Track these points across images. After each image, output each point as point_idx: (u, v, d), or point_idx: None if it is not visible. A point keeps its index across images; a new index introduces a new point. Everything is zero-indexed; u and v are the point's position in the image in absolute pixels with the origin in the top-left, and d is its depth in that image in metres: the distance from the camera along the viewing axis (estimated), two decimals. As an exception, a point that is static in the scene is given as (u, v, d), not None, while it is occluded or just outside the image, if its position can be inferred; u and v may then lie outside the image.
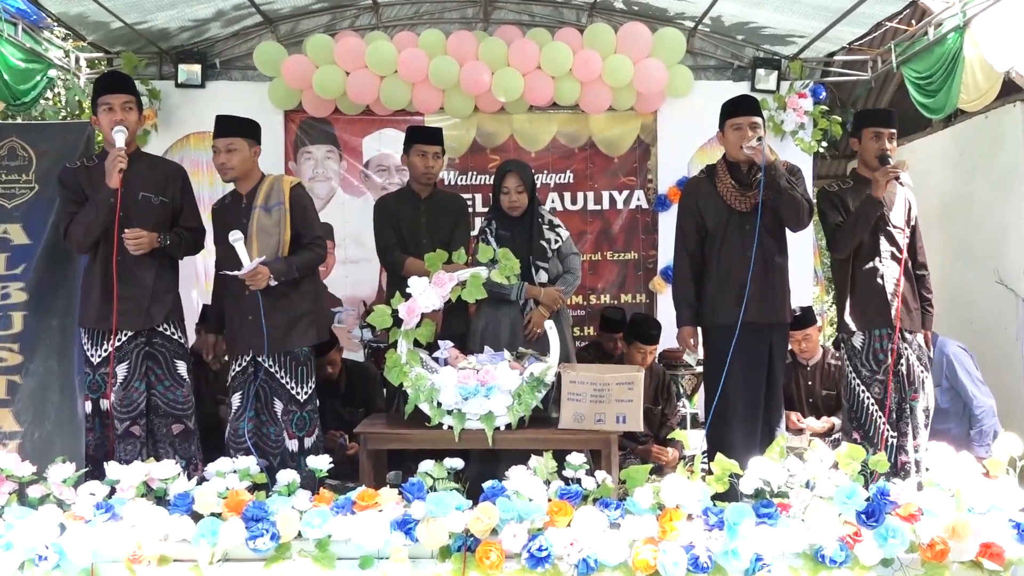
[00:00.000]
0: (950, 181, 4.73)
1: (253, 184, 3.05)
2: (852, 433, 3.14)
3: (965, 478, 2.13)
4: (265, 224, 2.96)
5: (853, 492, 2.09)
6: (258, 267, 2.86)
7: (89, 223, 2.87)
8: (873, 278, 3.10)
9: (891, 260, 3.11)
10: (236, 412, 3.02)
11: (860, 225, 3.06)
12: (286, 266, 2.95)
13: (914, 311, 3.16)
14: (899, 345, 3.08)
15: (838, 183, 3.26)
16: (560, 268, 3.38)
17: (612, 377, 2.80)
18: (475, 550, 2.01)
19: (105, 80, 3.01)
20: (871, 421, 3.08)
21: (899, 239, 3.12)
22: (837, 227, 3.12)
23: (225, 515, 2.07)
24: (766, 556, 2.00)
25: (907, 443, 3.09)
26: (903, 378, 3.12)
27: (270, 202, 2.99)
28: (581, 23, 4.73)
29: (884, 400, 3.05)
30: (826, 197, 3.20)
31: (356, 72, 4.46)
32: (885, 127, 3.12)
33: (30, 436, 2.92)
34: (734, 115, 3.09)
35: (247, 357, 3.02)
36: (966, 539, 2.01)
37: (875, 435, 3.06)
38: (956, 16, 3.79)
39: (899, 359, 3.10)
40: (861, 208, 3.06)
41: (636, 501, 2.10)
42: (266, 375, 3.01)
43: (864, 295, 3.12)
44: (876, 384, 3.08)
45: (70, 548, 1.99)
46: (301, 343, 3.03)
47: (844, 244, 3.11)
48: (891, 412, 3.07)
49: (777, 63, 4.74)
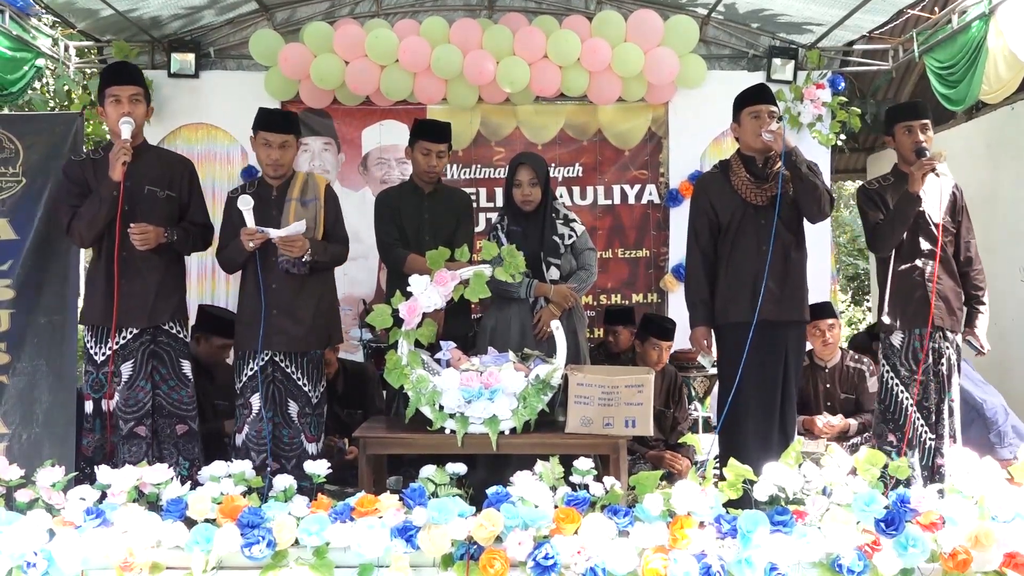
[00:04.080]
0: (973, 175, 4.64)
1: (286, 176, 3.05)
2: (887, 435, 3.06)
3: (988, 485, 2.06)
4: (302, 216, 2.97)
5: (872, 499, 2.02)
6: (298, 235, 2.88)
7: (92, 217, 2.83)
8: (913, 276, 3.03)
9: (930, 257, 3.04)
10: (257, 414, 2.97)
11: (899, 222, 2.99)
12: (322, 248, 3.00)
13: (957, 310, 3.08)
14: (940, 344, 3.02)
15: (878, 180, 3.19)
16: (574, 264, 3.30)
17: (621, 379, 2.72)
18: (479, 558, 1.95)
19: (113, 71, 2.98)
20: (909, 423, 3.00)
21: (939, 236, 3.03)
22: (877, 225, 3.06)
23: (220, 521, 2.02)
24: (781, 565, 1.93)
25: (943, 446, 3.01)
26: (944, 379, 3.04)
27: (306, 196, 3.01)
28: (590, 10, 4.65)
29: (921, 401, 2.99)
30: (866, 194, 3.13)
31: (356, 61, 4.40)
32: (916, 119, 3.05)
33: (18, 438, 2.90)
34: (752, 103, 3.02)
35: (264, 356, 2.96)
36: (989, 548, 1.94)
37: (913, 437, 2.99)
38: (981, 3, 3.70)
39: (939, 359, 3.03)
40: (899, 205, 2.99)
41: (646, 508, 2.04)
42: (283, 376, 2.99)
43: (903, 293, 3.05)
44: (915, 384, 3.01)
45: (59, 554, 1.94)
46: (320, 344, 3.05)
47: (885, 242, 3.05)
48: (930, 413, 3.01)
49: (794, 52, 4.65)
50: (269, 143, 3.00)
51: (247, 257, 2.95)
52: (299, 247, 2.89)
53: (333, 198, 3.12)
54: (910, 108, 3.17)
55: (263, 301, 2.92)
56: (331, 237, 3.08)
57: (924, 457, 2.99)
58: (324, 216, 3.03)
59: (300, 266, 2.94)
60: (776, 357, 2.98)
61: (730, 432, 2.90)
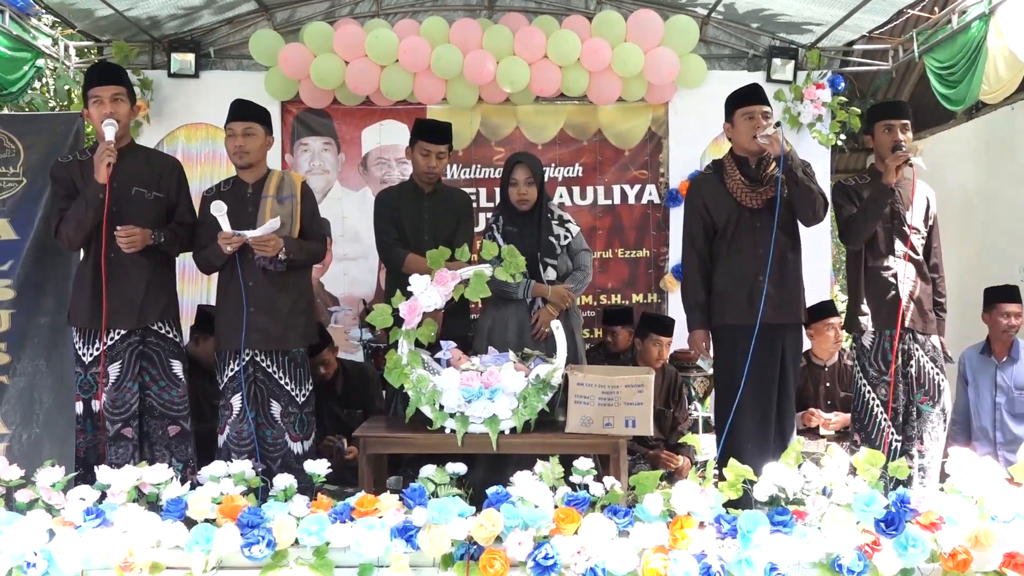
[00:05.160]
0: (973, 176, 4.63)
1: (261, 175, 3.03)
2: (853, 435, 3.09)
3: (988, 485, 2.05)
4: (279, 213, 2.96)
5: (872, 499, 2.01)
6: (271, 234, 2.86)
7: (79, 219, 2.81)
8: (886, 277, 3.04)
9: (905, 260, 3.05)
10: (238, 415, 2.96)
11: (871, 214, 2.99)
12: (297, 245, 2.97)
13: (929, 313, 3.09)
14: (910, 346, 3.02)
15: (855, 177, 3.21)
16: (570, 265, 3.31)
17: (621, 379, 2.72)
18: (479, 558, 1.95)
19: (94, 72, 2.95)
20: (875, 423, 3.02)
21: (915, 240, 3.06)
22: (851, 217, 3.06)
23: (220, 521, 2.02)
24: (781, 566, 1.93)
25: (912, 448, 3.02)
26: (912, 380, 3.05)
27: (282, 193, 2.99)
28: (590, 10, 4.64)
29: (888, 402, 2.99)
30: (842, 190, 3.14)
31: (356, 61, 4.39)
32: (896, 119, 3.04)
33: (18, 438, 2.90)
34: (745, 103, 3.00)
35: (245, 356, 2.95)
36: (989, 548, 1.94)
37: (878, 437, 2.99)
38: (981, 3, 3.69)
39: (908, 360, 3.04)
40: (872, 195, 2.99)
41: (646, 508, 2.04)
42: (264, 376, 2.97)
43: (876, 294, 3.06)
44: (883, 385, 3.02)
45: (59, 555, 1.94)
46: (299, 343, 3.01)
47: (856, 234, 3.05)
48: (897, 415, 3.01)
49: (794, 52, 4.64)
50: (234, 132, 2.99)
51: (225, 259, 2.93)
52: (272, 246, 2.86)
53: (309, 195, 3.10)
54: (891, 107, 3.18)
55: (243, 300, 2.89)
56: (308, 234, 3.05)
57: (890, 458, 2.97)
58: (300, 213, 3.00)
59: (277, 264, 2.92)
60: (772, 359, 2.98)
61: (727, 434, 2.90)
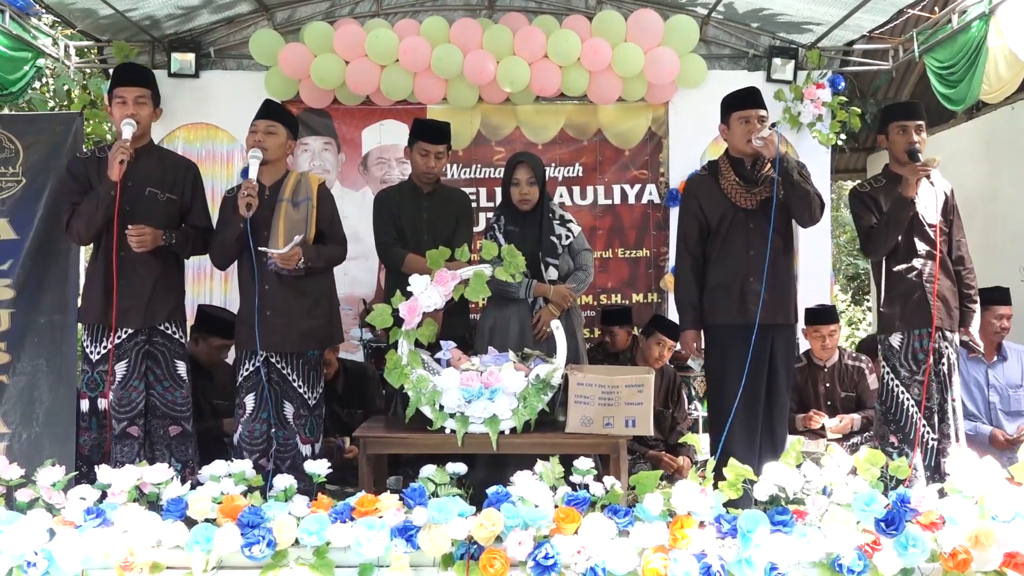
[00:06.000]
0: (974, 175, 4.63)
1: (279, 177, 3.03)
2: (889, 437, 3.06)
3: (989, 484, 2.05)
4: (293, 217, 2.95)
5: (872, 499, 2.01)
6: (293, 248, 2.87)
7: (90, 215, 2.83)
8: (910, 277, 3.03)
9: (927, 258, 3.03)
10: (251, 414, 2.97)
11: (893, 227, 2.99)
12: (315, 253, 2.97)
13: (954, 310, 3.08)
14: (940, 344, 3.02)
15: (870, 182, 3.18)
16: (571, 265, 3.31)
17: (621, 379, 2.72)
18: (479, 558, 1.95)
19: (120, 72, 2.98)
20: (911, 423, 3.00)
21: (936, 237, 3.03)
22: (871, 229, 3.05)
23: (220, 521, 2.02)
24: (781, 565, 1.93)
25: (949, 445, 2.99)
26: (944, 378, 3.04)
27: (298, 196, 2.99)
28: (590, 10, 4.64)
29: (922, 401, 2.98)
30: (858, 198, 3.12)
31: (356, 61, 4.39)
32: (910, 120, 3.04)
33: (18, 437, 2.89)
34: (741, 107, 3.01)
35: (260, 357, 2.95)
36: (990, 548, 1.94)
37: (915, 437, 2.97)
38: (981, 3, 3.69)
39: (939, 358, 3.03)
40: (893, 209, 2.99)
41: (646, 508, 2.03)
42: (279, 377, 2.98)
43: (902, 294, 3.04)
44: (915, 385, 3.00)
45: (60, 554, 1.93)
46: (314, 346, 3.03)
47: (878, 247, 3.05)
48: (932, 413, 3.00)
49: (794, 52, 4.64)
50: (256, 129, 3.00)
51: (237, 237, 2.90)
52: (294, 261, 2.89)
53: (328, 198, 3.08)
54: (905, 108, 3.16)
55: (257, 302, 2.90)
56: (327, 238, 3.04)
57: (928, 457, 2.98)
58: (316, 216, 2.99)
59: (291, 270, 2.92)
60: (761, 359, 2.97)
61: (717, 434, 2.92)
